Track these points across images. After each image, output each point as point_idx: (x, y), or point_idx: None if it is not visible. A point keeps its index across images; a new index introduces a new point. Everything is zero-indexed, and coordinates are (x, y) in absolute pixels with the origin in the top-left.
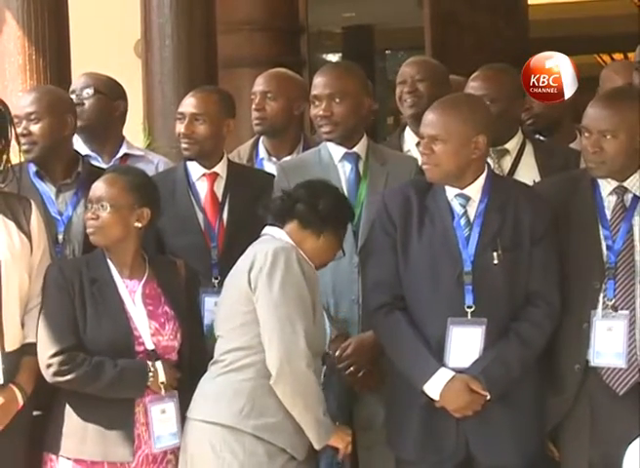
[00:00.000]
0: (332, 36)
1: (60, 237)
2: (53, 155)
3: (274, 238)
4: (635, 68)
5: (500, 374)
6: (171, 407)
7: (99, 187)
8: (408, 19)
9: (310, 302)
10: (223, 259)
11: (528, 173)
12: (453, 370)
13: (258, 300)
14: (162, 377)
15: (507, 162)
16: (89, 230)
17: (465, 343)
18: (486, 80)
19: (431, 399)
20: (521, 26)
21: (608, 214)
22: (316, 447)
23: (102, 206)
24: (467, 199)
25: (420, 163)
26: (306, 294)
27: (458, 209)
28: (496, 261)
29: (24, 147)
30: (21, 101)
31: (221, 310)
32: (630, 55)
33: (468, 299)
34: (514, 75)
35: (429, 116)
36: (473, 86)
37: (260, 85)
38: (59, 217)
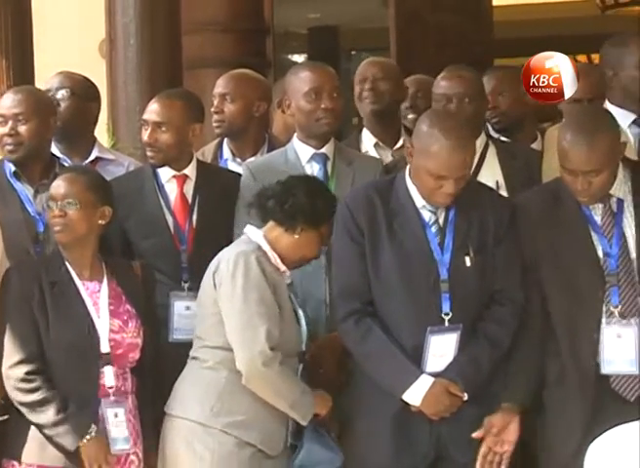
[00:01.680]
0: (297, 37)
1: (41, 236)
2: (35, 156)
3: (249, 239)
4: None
5: (475, 376)
6: (122, 412)
7: (61, 185)
8: (373, 19)
9: (274, 303)
10: (193, 263)
11: (491, 173)
12: (429, 374)
13: (220, 303)
14: (112, 382)
15: None
16: (56, 228)
17: (441, 349)
18: (453, 80)
19: (406, 404)
20: (485, 27)
21: (598, 220)
22: (302, 423)
23: (69, 203)
24: (437, 207)
25: (384, 163)
26: (269, 297)
27: (428, 217)
28: (468, 264)
29: (9, 148)
30: (6, 101)
31: (198, 311)
32: (594, 56)
33: (445, 307)
34: (479, 76)
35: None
36: (441, 86)
37: (218, 87)
38: (38, 217)
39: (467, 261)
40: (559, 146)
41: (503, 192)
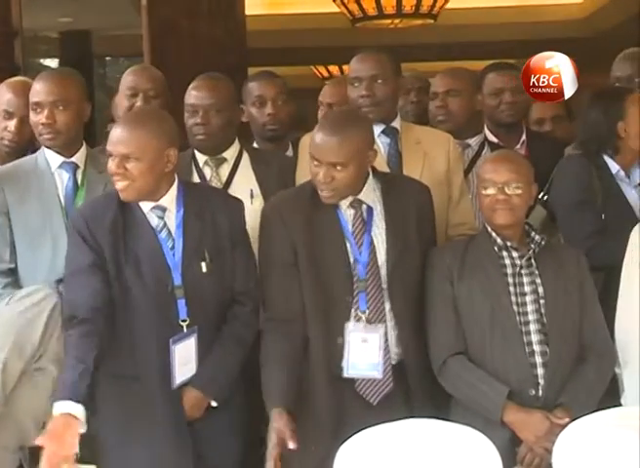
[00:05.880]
0: (48, 41)
1: None
2: None
3: None
4: (349, 83)
5: (224, 379)
6: None
7: None
8: (127, 25)
9: (36, 347)
10: None
11: (245, 181)
12: (179, 385)
13: None
14: None
15: (225, 170)
16: None
17: (185, 357)
18: (205, 89)
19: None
20: (238, 36)
21: (350, 227)
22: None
23: None
24: (164, 210)
25: None
26: (36, 338)
27: (155, 222)
28: (205, 270)
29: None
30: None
31: None
32: (345, 67)
33: (182, 313)
34: (231, 84)
35: (118, 133)
36: (195, 95)
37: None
38: None
39: (203, 267)
40: (311, 139)
41: (259, 199)
